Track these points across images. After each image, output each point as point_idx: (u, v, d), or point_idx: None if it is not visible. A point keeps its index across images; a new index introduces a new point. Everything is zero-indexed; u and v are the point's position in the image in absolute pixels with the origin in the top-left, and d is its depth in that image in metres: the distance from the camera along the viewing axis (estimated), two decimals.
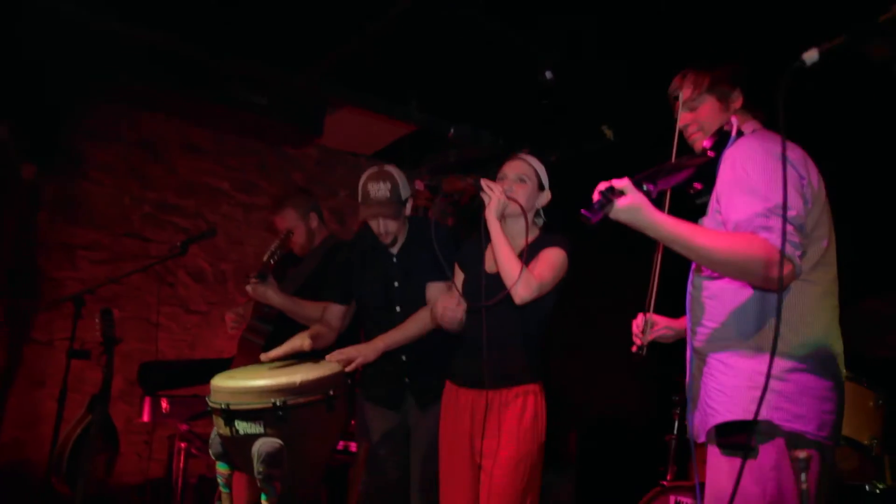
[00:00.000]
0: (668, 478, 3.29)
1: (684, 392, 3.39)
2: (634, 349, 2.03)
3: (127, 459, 4.40)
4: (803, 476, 1.19)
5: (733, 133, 1.80)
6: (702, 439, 1.79)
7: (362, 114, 4.65)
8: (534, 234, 2.50)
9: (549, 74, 3.65)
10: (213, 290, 4.99)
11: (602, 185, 1.57)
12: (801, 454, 1.19)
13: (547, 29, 3.53)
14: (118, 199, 4.64)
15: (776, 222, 1.57)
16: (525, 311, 2.34)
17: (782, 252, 1.42)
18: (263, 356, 2.52)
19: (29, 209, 4.28)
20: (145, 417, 3.73)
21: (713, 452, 1.73)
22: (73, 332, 3.05)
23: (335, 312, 2.90)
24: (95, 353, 3.22)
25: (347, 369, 2.53)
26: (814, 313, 1.69)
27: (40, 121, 4.10)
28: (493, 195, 2.29)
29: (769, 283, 1.59)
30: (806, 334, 1.66)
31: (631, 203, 1.55)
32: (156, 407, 3.77)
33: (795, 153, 1.73)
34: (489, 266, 2.48)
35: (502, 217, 2.34)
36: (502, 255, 2.28)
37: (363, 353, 2.61)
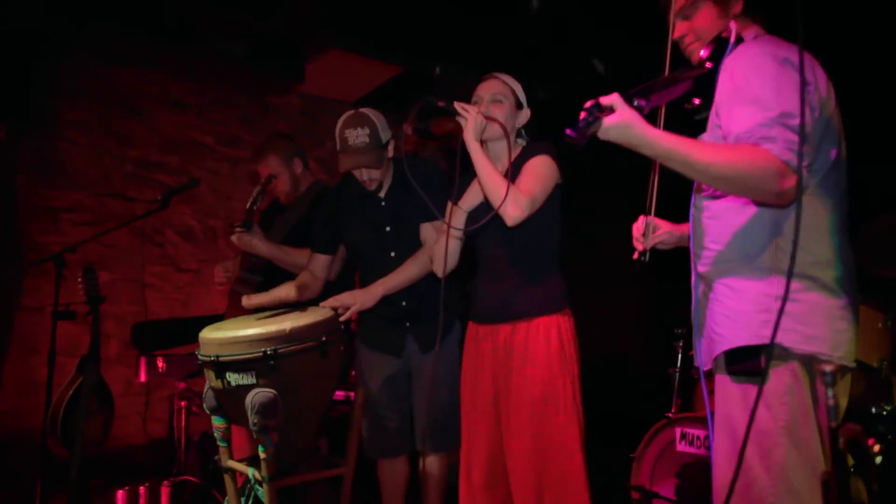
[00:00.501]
0: (673, 410, 3.26)
1: (687, 323, 3.39)
2: (636, 256, 1.87)
3: (129, 421, 4.39)
4: (830, 392, 1.11)
5: (732, 39, 1.67)
6: (709, 367, 1.72)
7: (345, 58, 4.50)
8: (516, 152, 2.36)
9: (535, 2, 3.48)
10: (203, 248, 4.90)
11: (588, 103, 1.43)
12: (828, 367, 1.11)
13: None
14: (98, 159, 4.51)
15: (780, 132, 1.46)
16: (525, 233, 2.22)
17: (799, 165, 1.33)
18: (245, 300, 2.44)
19: (6, 171, 4.15)
20: (142, 377, 3.67)
21: (722, 380, 1.65)
22: (57, 293, 2.96)
23: (320, 263, 2.81)
24: (81, 314, 3.15)
25: (343, 317, 2.45)
26: (822, 229, 1.59)
27: (8, 77, 3.93)
28: (469, 116, 2.14)
29: (773, 197, 1.49)
30: (815, 252, 1.56)
31: (620, 120, 1.43)
32: (152, 367, 3.70)
33: (799, 56, 1.56)
34: (475, 198, 2.36)
35: (482, 141, 2.20)
36: (485, 176, 2.14)
37: (360, 300, 2.53)
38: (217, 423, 2.37)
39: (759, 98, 1.50)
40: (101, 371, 3.29)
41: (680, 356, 3.40)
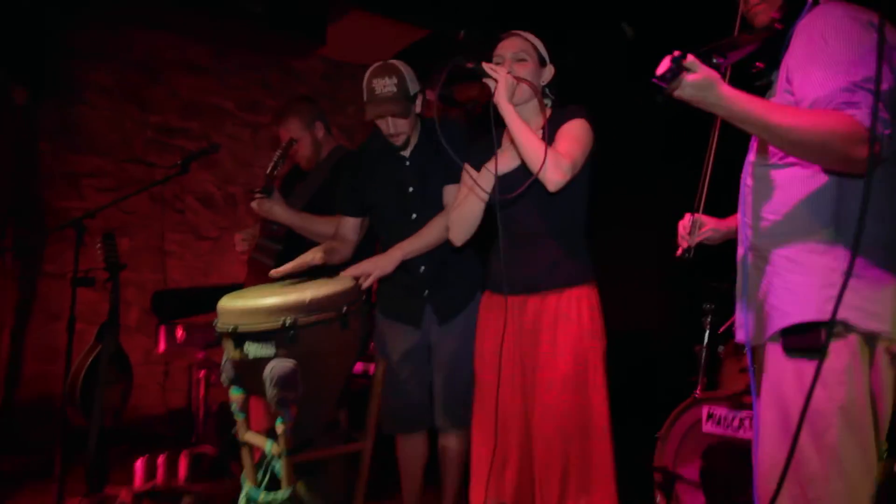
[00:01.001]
0: (699, 389, 3.17)
1: (714, 299, 3.27)
2: (680, 252, 1.89)
3: (148, 391, 4.39)
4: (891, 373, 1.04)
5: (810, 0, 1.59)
6: (758, 342, 1.66)
7: (367, 20, 4.38)
8: (546, 114, 2.24)
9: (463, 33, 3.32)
10: (224, 215, 4.86)
11: (670, 55, 1.35)
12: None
13: None
14: (119, 124, 4.47)
15: (863, 97, 1.39)
16: (558, 201, 2.12)
17: (872, 130, 1.25)
18: (273, 272, 2.38)
19: (27, 137, 4.11)
20: (161, 346, 3.65)
21: (775, 356, 1.58)
22: (77, 259, 2.91)
23: (350, 225, 2.72)
24: (101, 281, 3.11)
25: (364, 284, 2.38)
26: (890, 202, 1.51)
27: (26, 41, 3.87)
28: (500, 77, 2.03)
29: (852, 165, 1.41)
30: (882, 226, 1.49)
31: (703, 77, 1.35)
32: (171, 336, 3.69)
33: (890, 26, 1.51)
34: (505, 166, 2.23)
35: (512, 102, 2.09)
36: (523, 139, 2.03)
37: (379, 265, 2.44)
38: (235, 394, 2.31)
39: (839, 61, 1.44)
40: (121, 339, 3.26)
41: (707, 333, 3.30)
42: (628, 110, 4.42)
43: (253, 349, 2.07)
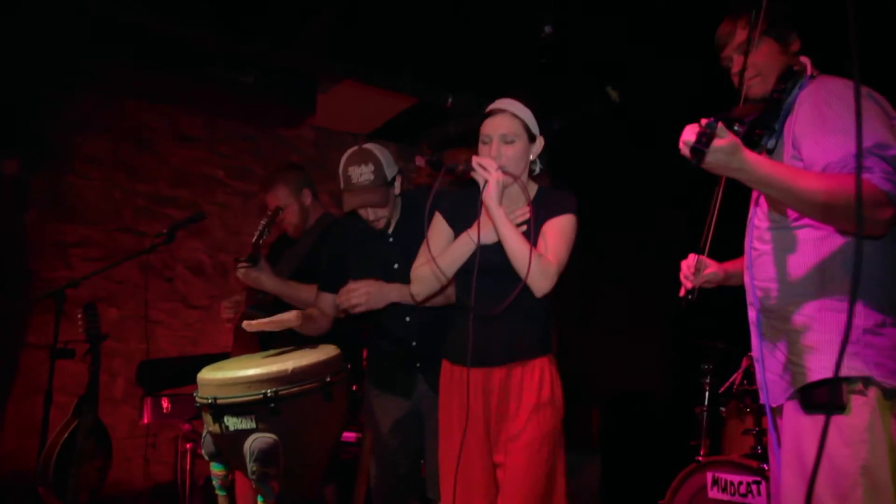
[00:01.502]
0: (703, 452, 3.07)
1: (714, 358, 3.22)
2: (682, 293, 1.91)
3: (133, 464, 4.26)
4: None
5: (808, 72, 1.72)
6: (780, 402, 1.68)
7: (357, 90, 4.44)
8: (533, 190, 2.24)
9: (548, 29, 3.39)
10: (214, 284, 4.81)
11: (704, 120, 1.39)
12: None
13: None
14: (109, 193, 4.46)
15: (874, 162, 1.47)
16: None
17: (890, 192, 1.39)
18: (245, 324, 2.32)
19: (15, 207, 4.10)
20: (146, 419, 3.56)
21: (795, 415, 1.60)
22: (57, 330, 2.85)
23: (328, 301, 2.68)
24: (81, 352, 3.03)
25: (346, 306, 2.35)
26: None
27: (20, 112, 3.91)
28: (490, 178, 2.01)
29: (872, 226, 1.48)
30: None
31: (730, 142, 1.39)
32: (157, 407, 3.60)
33: (879, 95, 1.62)
34: (485, 236, 2.16)
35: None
36: (512, 245, 2.02)
37: (373, 297, 2.40)
38: (216, 469, 2.23)
39: (847, 128, 1.52)
40: (106, 411, 3.17)
41: (707, 393, 3.23)
42: (623, 174, 4.46)
43: (232, 422, 2.00)
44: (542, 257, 2.02)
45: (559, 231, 2.12)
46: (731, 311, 2.23)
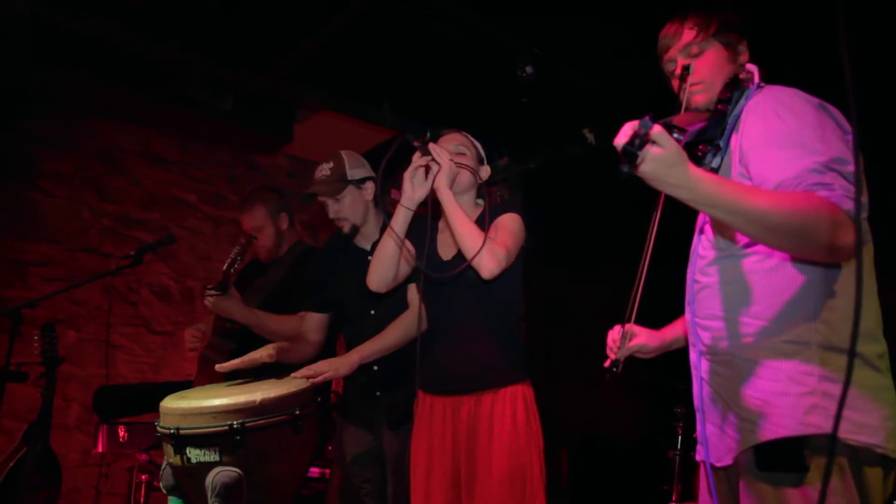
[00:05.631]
0: (675, 498, 3.04)
1: (684, 403, 3.19)
2: (607, 364, 1.62)
3: (84, 495, 4.06)
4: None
5: (756, 81, 1.52)
6: (726, 462, 1.46)
7: (334, 120, 4.42)
8: (477, 211, 2.26)
9: (529, 69, 3.42)
10: (179, 309, 4.68)
11: (629, 127, 1.15)
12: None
13: (525, 23, 3.31)
14: (75, 213, 4.34)
15: (835, 178, 1.27)
16: (491, 295, 2.11)
17: (858, 217, 1.17)
18: (219, 366, 2.24)
19: None
20: (100, 447, 3.40)
21: (750, 479, 1.38)
22: (10, 352, 2.72)
23: (314, 323, 2.62)
24: (34, 375, 2.90)
25: (314, 381, 2.25)
26: (866, 295, 1.37)
27: None
28: (443, 161, 2.04)
29: (828, 253, 1.27)
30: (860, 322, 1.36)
31: (669, 153, 1.14)
32: (113, 436, 3.45)
33: (836, 109, 1.43)
34: (443, 253, 2.23)
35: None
36: (459, 225, 2.00)
37: (334, 366, 2.32)
38: (173, 503, 2.13)
39: (802, 142, 1.33)
40: (57, 439, 3.02)
41: (680, 438, 3.20)
42: (595, 216, 4.49)
43: (195, 454, 1.92)
44: (490, 239, 2.01)
45: (505, 225, 2.14)
46: None
